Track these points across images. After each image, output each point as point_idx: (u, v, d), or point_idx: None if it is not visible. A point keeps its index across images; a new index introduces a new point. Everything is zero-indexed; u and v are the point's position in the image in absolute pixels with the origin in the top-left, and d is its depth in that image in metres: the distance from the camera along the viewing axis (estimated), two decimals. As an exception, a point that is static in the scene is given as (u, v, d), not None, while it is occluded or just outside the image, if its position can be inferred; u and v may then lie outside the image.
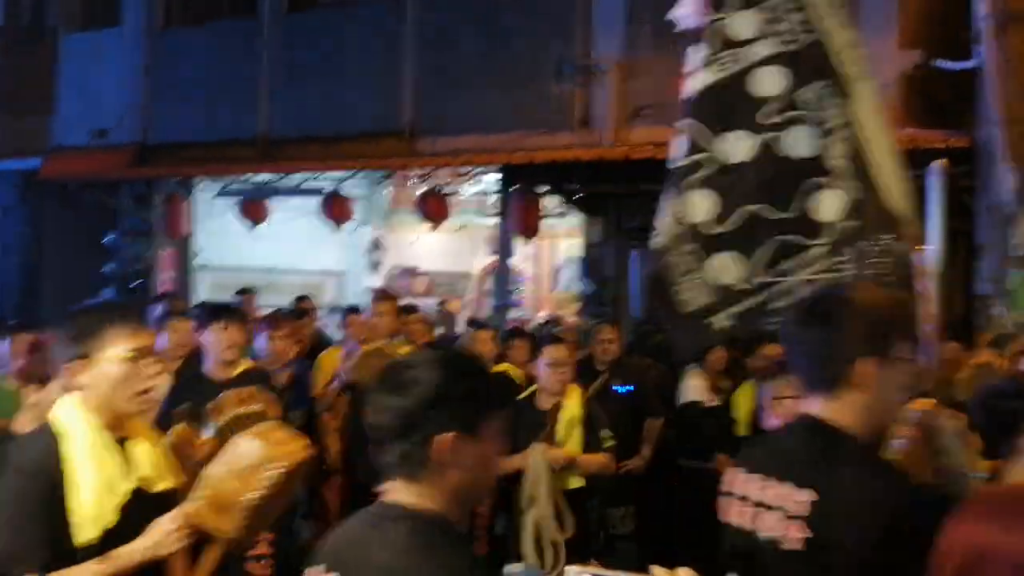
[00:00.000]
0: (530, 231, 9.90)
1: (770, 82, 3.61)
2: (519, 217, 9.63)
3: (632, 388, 6.22)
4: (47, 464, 2.45)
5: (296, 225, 12.53)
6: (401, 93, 10.65)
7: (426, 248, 14.42)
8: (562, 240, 13.54)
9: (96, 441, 2.51)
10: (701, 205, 3.64)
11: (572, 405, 4.94)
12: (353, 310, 7.43)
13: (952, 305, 7.51)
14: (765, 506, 2.05)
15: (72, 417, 2.53)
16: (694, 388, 6.33)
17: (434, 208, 10.34)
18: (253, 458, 2.72)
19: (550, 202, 10.55)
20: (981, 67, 7.42)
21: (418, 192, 10.94)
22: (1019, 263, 7.35)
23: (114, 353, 2.52)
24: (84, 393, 2.53)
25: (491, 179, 10.78)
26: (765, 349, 5.68)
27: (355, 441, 5.61)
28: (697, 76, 3.74)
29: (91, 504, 2.45)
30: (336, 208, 10.91)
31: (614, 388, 6.22)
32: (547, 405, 4.94)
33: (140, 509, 2.53)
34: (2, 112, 13.43)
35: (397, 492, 1.79)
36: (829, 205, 3.53)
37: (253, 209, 11.68)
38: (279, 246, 13.17)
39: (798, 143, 3.60)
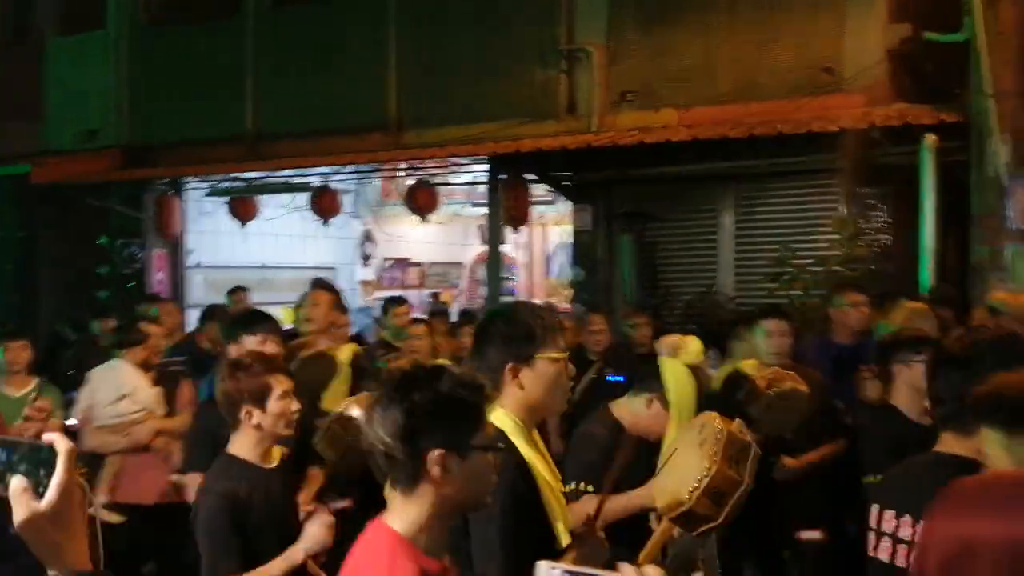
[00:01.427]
0: (520, 220, 9.84)
1: None
2: (508, 206, 9.57)
3: (623, 378, 6.12)
4: (521, 469, 2.41)
5: (286, 221, 12.49)
6: (386, 85, 10.57)
7: (417, 240, 14.41)
8: (552, 227, 13.52)
9: (531, 443, 2.51)
10: None
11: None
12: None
13: (946, 278, 7.44)
14: None
15: (503, 418, 2.46)
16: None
17: (423, 200, 10.29)
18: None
19: (539, 190, 10.48)
20: (971, 39, 7.32)
21: (406, 184, 10.88)
22: (1015, 236, 7.27)
23: (551, 353, 2.50)
24: (518, 394, 2.49)
25: (479, 169, 10.71)
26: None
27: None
28: None
29: (558, 508, 2.44)
30: (325, 203, 10.87)
31: (608, 378, 6.16)
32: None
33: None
34: (-10, 117, 13.36)
35: (950, 444, 2.36)
36: None
37: (243, 207, 11.65)
38: (270, 243, 13.16)
39: None
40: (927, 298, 6.10)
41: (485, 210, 10.71)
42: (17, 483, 1.38)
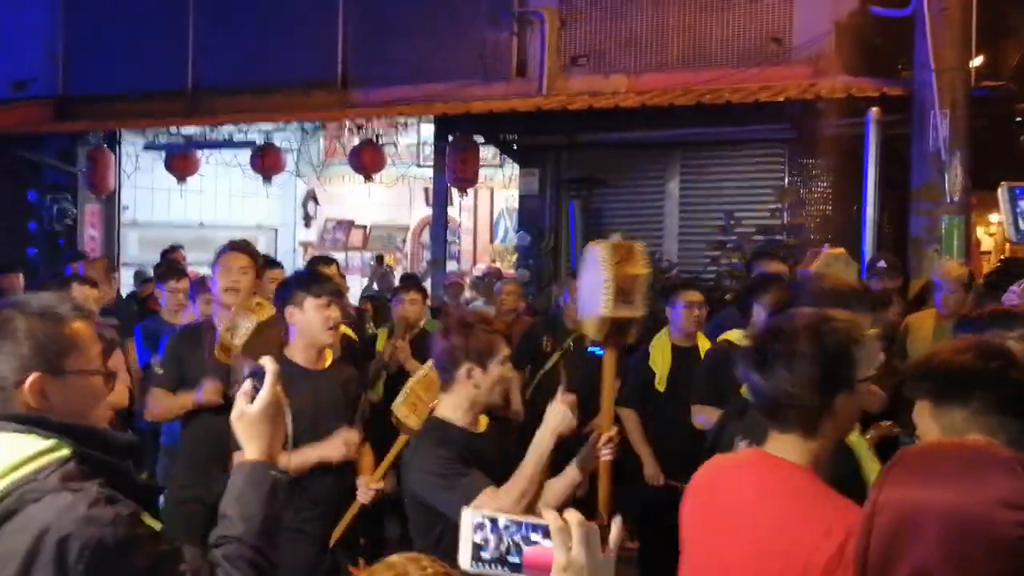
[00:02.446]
0: (467, 182, 9.75)
1: None
2: (455, 168, 9.48)
3: (602, 349, 6.05)
4: None
5: (226, 179, 12.24)
6: (334, 42, 10.40)
7: (361, 201, 14.24)
8: (500, 191, 13.46)
9: None
10: None
11: None
12: (271, 264, 7.08)
13: (884, 249, 7.59)
14: None
15: None
16: None
17: (368, 159, 10.13)
18: None
19: (487, 153, 10.42)
20: (917, 15, 7.43)
21: (352, 143, 10.73)
22: (951, 209, 7.44)
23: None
24: None
25: (426, 129, 10.60)
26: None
27: None
28: None
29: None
30: (267, 160, 10.63)
31: (589, 349, 6.08)
32: None
33: None
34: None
35: None
36: None
37: (181, 163, 11.34)
38: (209, 201, 12.89)
39: None
40: (878, 268, 6.19)
41: (432, 172, 10.61)
42: (241, 390, 1.97)
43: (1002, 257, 11.87)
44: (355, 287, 10.97)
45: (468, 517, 1.41)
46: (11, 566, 1.70)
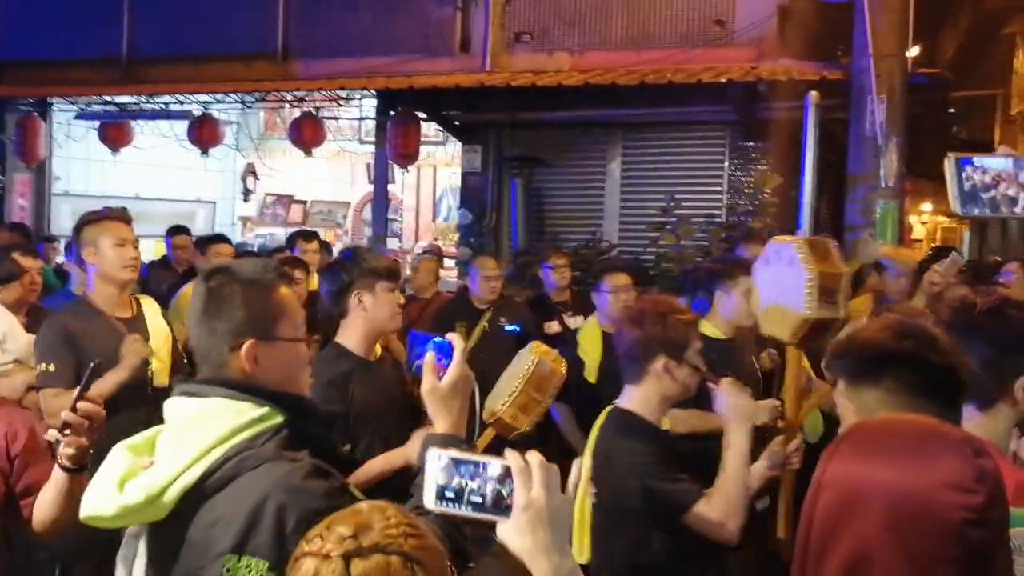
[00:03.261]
0: (409, 158, 9.64)
1: None
2: (397, 144, 9.35)
3: (520, 328, 6.01)
4: None
5: (162, 150, 11.95)
6: (275, 12, 10.19)
7: (301, 175, 14.04)
8: (443, 169, 13.37)
9: None
10: None
11: None
12: (217, 239, 6.94)
13: (820, 233, 7.69)
14: None
15: None
16: None
17: (308, 133, 9.94)
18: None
19: (429, 129, 10.33)
20: (857, 1, 7.52)
21: (292, 116, 10.54)
22: (886, 194, 7.57)
23: None
24: None
25: (368, 104, 10.46)
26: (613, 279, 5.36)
27: None
28: None
29: None
30: (205, 133, 10.38)
31: (506, 328, 6.04)
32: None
33: None
34: None
35: None
36: None
37: (115, 133, 11.04)
38: (145, 172, 12.59)
39: None
40: None
41: (373, 147, 10.47)
42: (426, 364, 1.96)
43: (933, 245, 12.14)
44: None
45: (434, 456, 1.46)
46: (232, 530, 1.74)
